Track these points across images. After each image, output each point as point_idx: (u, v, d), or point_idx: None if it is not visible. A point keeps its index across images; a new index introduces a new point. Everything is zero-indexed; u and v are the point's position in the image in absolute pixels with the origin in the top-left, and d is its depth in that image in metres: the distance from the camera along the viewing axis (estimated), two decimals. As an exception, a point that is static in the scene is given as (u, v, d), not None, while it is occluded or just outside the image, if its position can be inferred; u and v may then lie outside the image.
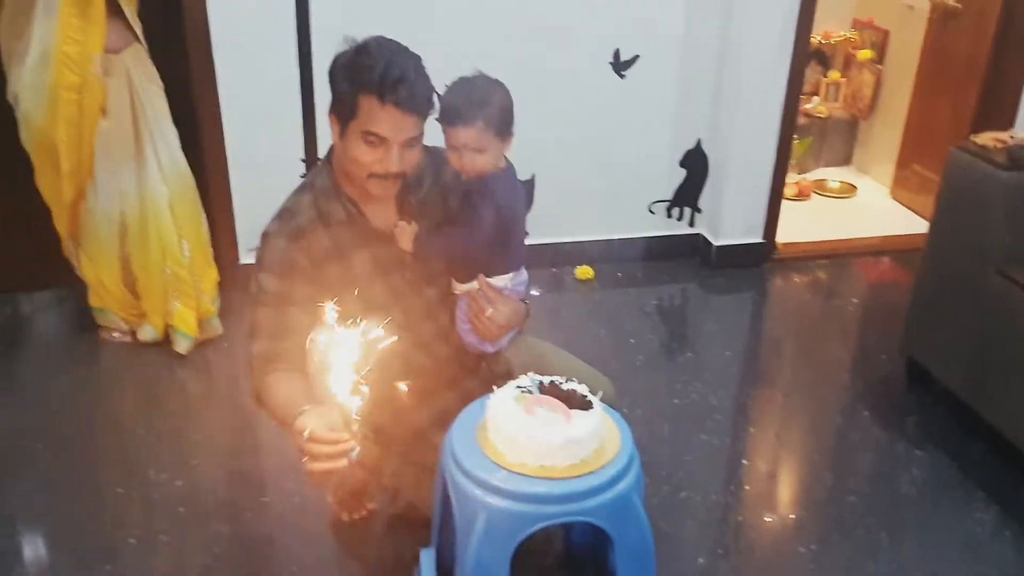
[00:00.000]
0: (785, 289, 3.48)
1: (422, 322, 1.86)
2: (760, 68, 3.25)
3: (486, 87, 1.71)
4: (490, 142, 1.70)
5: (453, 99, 1.69)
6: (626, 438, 1.64)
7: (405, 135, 1.64)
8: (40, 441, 2.42)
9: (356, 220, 1.75)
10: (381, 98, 1.58)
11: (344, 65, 1.63)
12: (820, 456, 2.49)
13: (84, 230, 2.78)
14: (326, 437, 1.42)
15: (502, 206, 1.76)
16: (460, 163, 1.72)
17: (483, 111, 1.67)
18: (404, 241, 1.77)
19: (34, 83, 2.53)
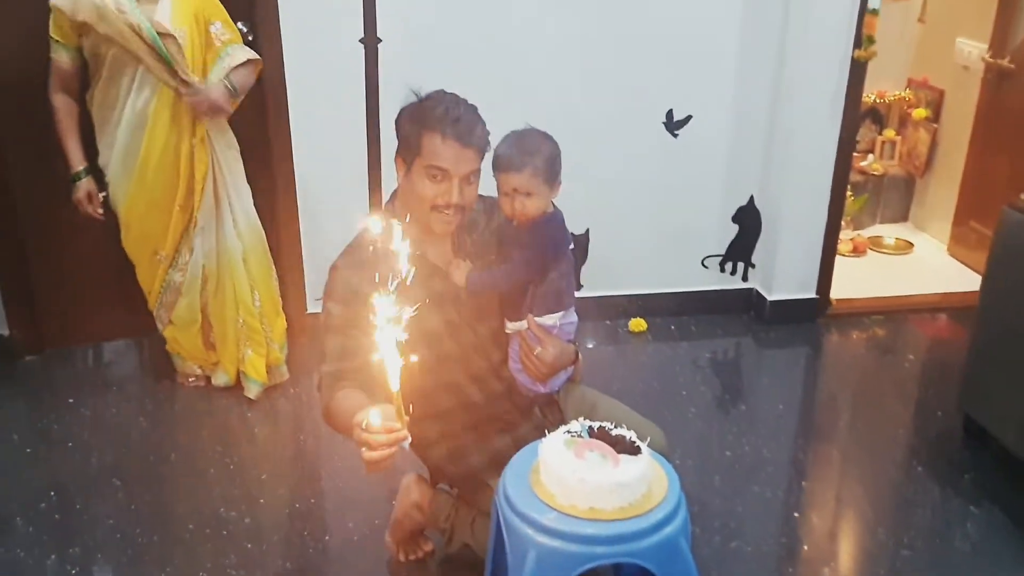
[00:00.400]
0: (840, 344, 3.50)
1: (474, 356, 1.97)
2: (811, 126, 3.32)
3: (535, 138, 1.87)
4: (539, 187, 1.84)
5: (506, 149, 1.85)
6: (673, 483, 1.70)
7: (464, 169, 1.80)
8: (119, 477, 2.58)
9: (415, 256, 1.87)
10: (443, 133, 1.77)
11: (410, 110, 1.83)
12: (874, 510, 2.49)
13: (169, 291, 2.94)
14: (380, 427, 1.53)
15: (549, 246, 1.88)
16: (511, 208, 1.85)
17: (532, 159, 1.82)
18: (458, 276, 1.89)
19: (125, 149, 2.73)
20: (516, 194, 1.84)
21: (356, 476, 2.60)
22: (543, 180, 1.84)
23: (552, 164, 1.86)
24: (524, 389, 2.02)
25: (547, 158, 1.85)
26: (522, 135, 1.89)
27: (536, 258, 1.89)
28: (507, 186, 1.85)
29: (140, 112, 2.69)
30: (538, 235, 1.88)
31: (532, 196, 1.85)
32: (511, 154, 1.84)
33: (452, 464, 2.08)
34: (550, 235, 1.90)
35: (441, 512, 2.14)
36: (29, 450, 2.72)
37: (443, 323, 1.92)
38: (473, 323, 1.96)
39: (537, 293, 1.94)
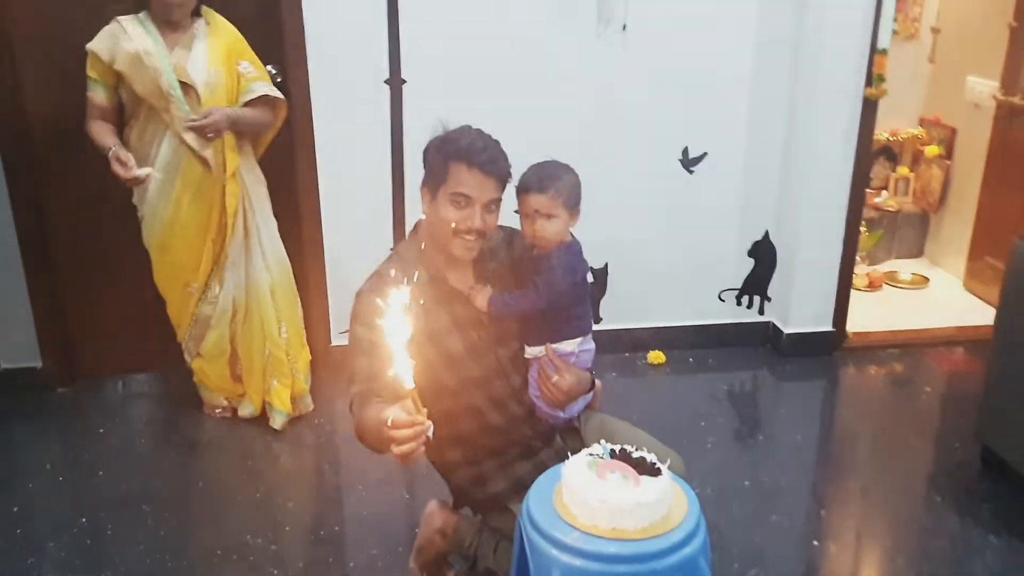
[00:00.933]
0: (856, 377, 3.52)
1: (496, 380, 2.02)
2: (824, 163, 3.39)
3: (558, 167, 1.97)
4: (559, 211, 1.92)
5: (530, 172, 1.95)
6: (693, 505, 1.73)
7: (487, 196, 1.89)
8: (148, 504, 2.63)
9: (437, 281, 1.96)
10: (468, 163, 1.87)
11: (438, 142, 1.92)
12: (892, 540, 2.50)
13: (199, 324, 3.02)
14: (405, 421, 1.60)
15: (568, 273, 1.96)
16: (532, 230, 1.93)
17: (555, 182, 1.92)
18: (480, 300, 1.96)
19: (159, 187, 2.82)
20: (537, 215, 1.92)
21: (380, 503, 2.65)
22: (563, 204, 1.92)
23: (573, 191, 1.94)
24: (543, 415, 2.07)
25: (569, 184, 1.93)
26: (546, 163, 1.98)
27: (554, 284, 1.96)
28: (529, 207, 1.93)
29: (176, 150, 2.78)
30: (557, 262, 1.95)
31: (552, 219, 1.92)
32: (535, 177, 1.93)
33: (475, 489, 2.12)
34: (568, 262, 1.97)
35: (464, 538, 2.18)
36: (61, 478, 2.79)
37: (465, 347, 1.98)
38: (494, 347, 2.02)
39: (555, 320, 2.00)
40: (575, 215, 1.98)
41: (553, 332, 2.03)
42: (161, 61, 2.70)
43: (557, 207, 1.92)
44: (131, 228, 2.92)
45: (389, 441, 1.63)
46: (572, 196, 1.94)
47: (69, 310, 3.29)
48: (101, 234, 3.20)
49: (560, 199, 1.91)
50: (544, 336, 2.03)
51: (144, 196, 2.85)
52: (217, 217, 2.89)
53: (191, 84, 2.74)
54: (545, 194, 1.91)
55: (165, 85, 2.70)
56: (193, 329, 3.03)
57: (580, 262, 2.02)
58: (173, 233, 2.89)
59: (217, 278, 2.96)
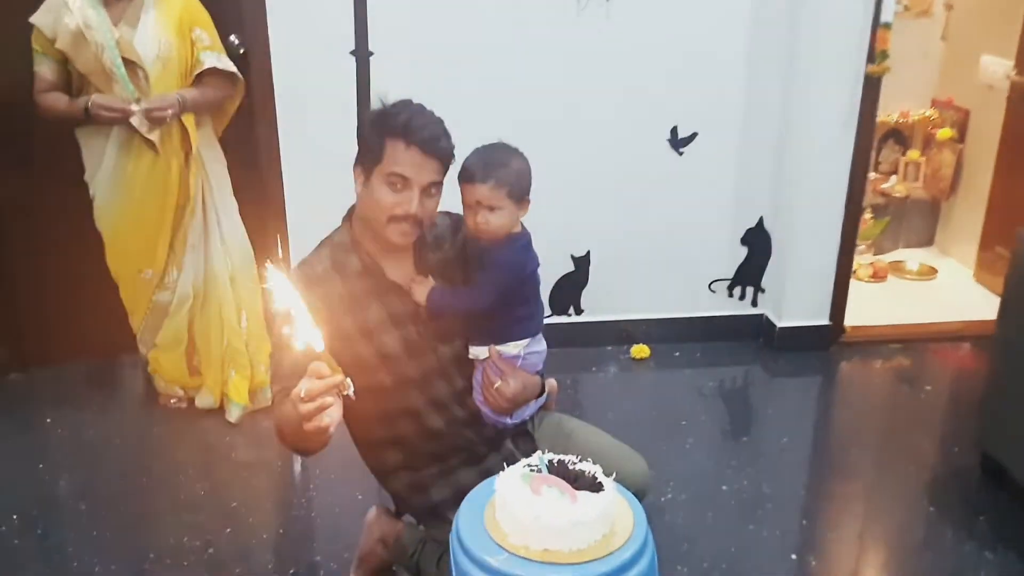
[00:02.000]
0: (852, 374, 3.33)
1: (435, 381, 1.85)
2: (823, 145, 3.18)
3: (504, 152, 1.76)
4: (503, 202, 1.72)
5: (473, 159, 1.75)
6: (640, 524, 1.55)
7: (426, 178, 1.71)
8: (85, 502, 2.49)
9: (372, 272, 1.78)
10: (406, 140, 1.68)
11: (373, 117, 1.74)
12: (879, 554, 2.31)
13: (156, 312, 2.86)
14: (318, 385, 1.43)
15: (513, 269, 1.78)
16: (474, 222, 1.74)
17: (498, 171, 1.71)
18: (419, 294, 1.79)
19: (113, 165, 2.66)
20: (479, 207, 1.73)
21: (330, 504, 2.50)
22: (508, 195, 1.73)
23: (520, 180, 1.75)
24: (489, 420, 1.89)
25: (515, 172, 1.74)
26: (491, 148, 1.79)
27: (498, 283, 1.78)
28: (471, 198, 1.74)
29: (127, 131, 2.61)
30: (501, 258, 1.77)
31: (496, 211, 1.73)
32: (477, 164, 1.74)
33: (415, 496, 1.96)
34: (514, 259, 1.78)
35: (407, 548, 2.01)
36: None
37: (401, 344, 1.80)
38: (436, 345, 1.84)
39: (500, 319, 1.82)
40: (524, 205, 1.78)
41: (498, 332, 1.85)
42: (104, 36, 2.53)
43: (501, 198, 1.72)
44: (85, 206, 2.76)
45: (306, 419, 1.45)
46: (519, 185, 1.75)
47: (20, 293, 3.14)
48: (53, 213, 3.04)
49: (504, 189, 1.72)
50: (488, 336, 1.85)
51: (95, 175, 2.69)
52: (173, 200, 2.73)
53: (137, 62, 2.57)
54: (487, 184, 1.71)
55: (107, 62, 2.52)
56: (149, 318, 2.87)
57: (528, 257, 1.83)
58: (126, 217, 2.73)
59: (175, 263, 2.80)
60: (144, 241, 2.75)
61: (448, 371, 1.86)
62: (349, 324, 1.74)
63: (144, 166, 2.66)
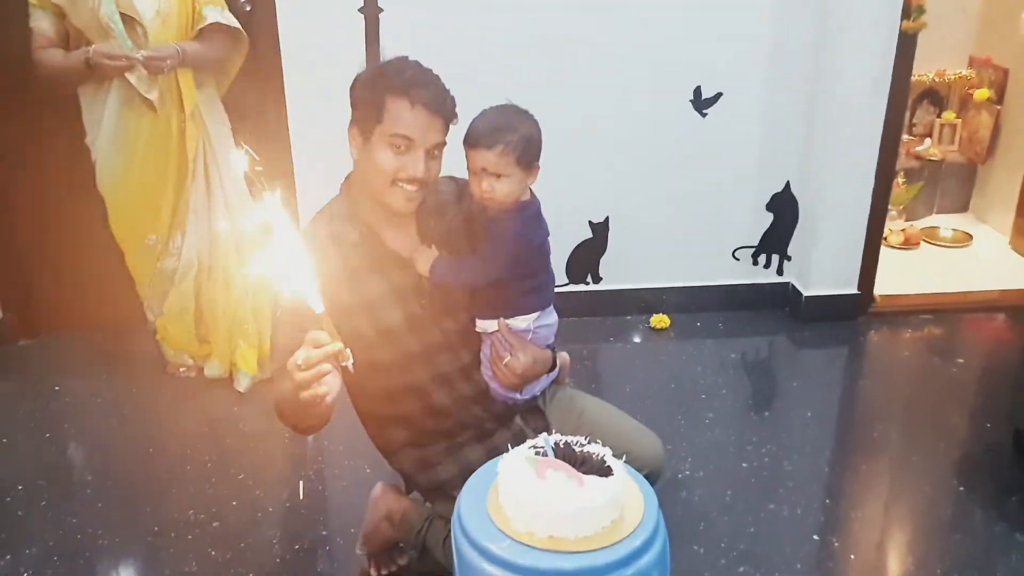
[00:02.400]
0: (881, 345, 3.20)
1: (440, 356, 1.76)
2: (855, 105, 3.03)
3: (513, 115, 1.66)
4: (511, 169, 1.62)
5: (479, 123, 1.65)
6: (651, 509, 1.47)
7: (432, 139, 1.62)
8: (91, 473, 2.45)
9: (371, 243, 1.69)
10: (411, 99, 1.58)
11: (370, 75, 1.63)
12: (905, 535, 2.22)
13: (162, 279, 2.79)
14: (315, 353, 1.36)
15: (521, 240, 1.68)
16: (480, 189, 1.64)
17: (506, 136, 1.61)
18: (422, 264, 1.70)
19: (113, 127, 2.58)
20: (485, 174, 1.63)
21: (338, 477, 2.45)
22: (515, 161, 1.62)
23: (529, 145, 1.64)
24: (497, 396, 1.81)
25: (523, 138, 1.63)
26: (499, 110, 1.68)
27: (505, 252, 1.68)
28: (476, 164, 1.64)
29: (128, 86, 2.53)
30: (508, 228, 1.67)
31: (503, 178, 1.63)
32: (484, 129, 1.64)
33: (421, 474, 1.89)
34: (522, 228, 1.68)
35: (413, 525, 1.96)
36: (5, 440, 2.61)
37: (404, 318, 1.71)
38: (439, 318, 1.76)
39: (509, 291, 1.73)
40: (533, 172, 1.68)
41: (507, 305, 1.76)
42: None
43: (508, 165, 1.62)
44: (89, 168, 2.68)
45: (298, 386, 1.38)
46: (528, 151, 1.64)
47: (29, 259, 3.10)
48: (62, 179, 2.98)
49: (512, 155, 1.62)
50: (496, 309, 1.77)
51: (96, 138, 2.62)
52: (175, 162, 2.65)
53: (136, 18, 2.47)
54: (493, 150, 1.61)
55: (104, 17, 2.43)
56: (155, 285, 2.81)
57: (538, 227, 1.73)
58: (128, 181, 2.66)
59: (179, 228, 2.73)
60: (147, 206, 2.68)
61: (454, 346, 1.78)
62: (347, 298, 1.66)
63: (144, 127, 2.59)
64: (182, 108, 2.60)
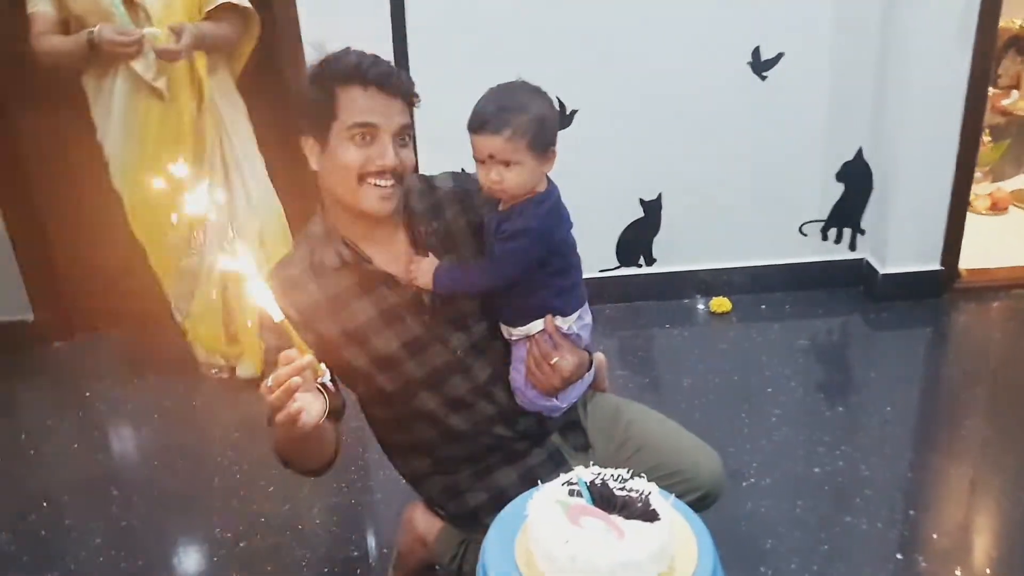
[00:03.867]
0: (970, 326, 2.93)
1: (450, 377, 1.57)
2: (934, 59, 2.75)
3: (523, 93, 1.44)
4: (522, 156, 1.41)
5: (483, 104, 1.44)
6: (706, 556, 1.26)
7: (396, 122, 1.44)
8: (117, 487, 2.35)
9: (352, 265, 1.50)
10: (363, 81, 1.41)
11: (312, 73, 1.45)
12: (1001, 552, 1.96)
13: (185, 278, 2.68)
14: (283, 370, 1.23)
15: (539, 236, 1.47)
16: (488, 180, 1.43)
17: (515, 118, 1.40)
18: (422, 276, 1.50)
19: (123, 118, 2.46)
20: (493, 162, 1.42)
21: (372, 490, 2.30)
22: (527, 146, 1.40)
23: (542, 128, 1.42)
24: (530, 406, 1.61)
25: (535, 119, 1.41)
26: (507, 88, 1.46)
27: (519, 252, 1.46)
28: (482, 151, 1.43)
29: (134, 75, 2.39)
30: (521, 222, 1.45)
31: (512, 166, 1.42)
32: (489, 110, 1.42)
33: (450, 502, 1.71)
34: (536, 223, 1.46)
35: (447, 550, 1.78)
36: (32, 451, 2.53)
37: (399, 344, 1.52)
38: (444, 336, 1.56)
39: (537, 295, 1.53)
40: (548, 158, 1.46)
41: (537, 308, 1.55)
42: None
43: (519, 151, 1.40)
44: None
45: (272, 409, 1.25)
46: (542, 134, 1.42)
47: (62, 260, 3.03)
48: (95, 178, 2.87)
49: (522, 140, 1.40)
50: (526, 315, 1.56)
51: (106, 131, 2.49)
52: (191, 154, 2.50)
53: (138, 0, 2.32)
54: (501, 134, 1.40)
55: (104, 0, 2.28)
56: (180, 285, 2.69)
57: (558, 220, 1.51)
58: (141, 174, 2.52)
59: (199, 224, 2.59)
60: (163, 202, 2.54)
61: (465, 363, 1.58)
62: (333, 330, 1.48)
63: (154, 118, 2.46)
64: (193, 96, 2.45)
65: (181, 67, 2.40)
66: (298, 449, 1.41)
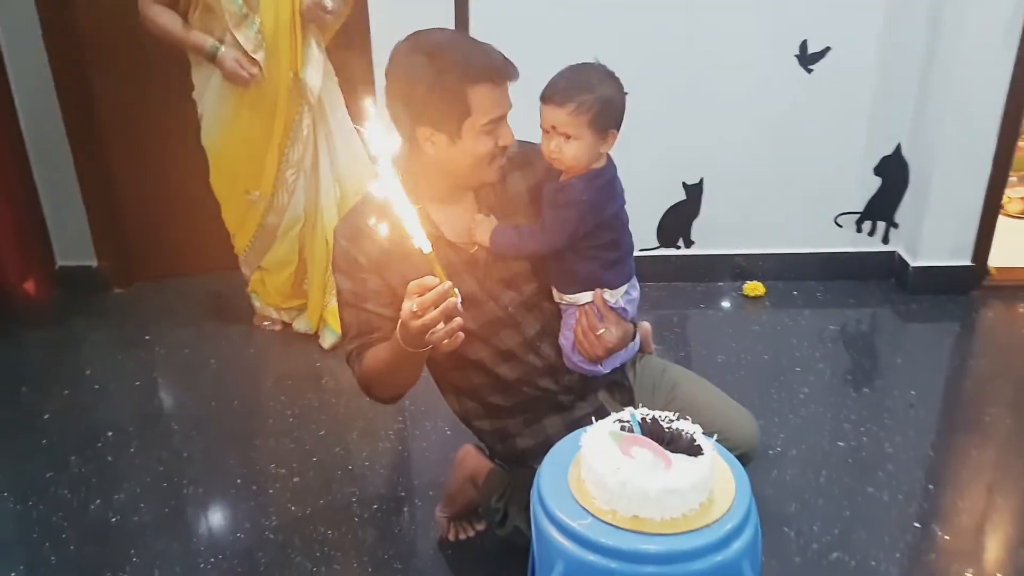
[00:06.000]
0: (997, 321, 2.99)
1: (501, 331, 1.69)
2: (978, 59, 2.81)
3: (595, 74, 1.56)
4: (582, 131, 1.53)
5: (557, 78, 1.56)
6: (743, 493, 1.37)
7: (510, 104, 1.56)
8: (178, 422, 2.50)
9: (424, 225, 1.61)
10: (493, 81, 1.50)
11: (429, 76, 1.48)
12: (1013, 528, 2.06)
13: (264, 234, 2.79)
14: (430, 297, 1.35)
15: (588, 210, 1.58)
16: (548, 149, 1.56)
17: (581, 94, 1.52)
18: (481, 233, 1.62)
19: (221, 82, 2.55)
20: (555, 132, 1.54)
21: (418, 439, 2.42)
22: (588, 123, 1.52)
23: (606, 109, 1.53)
24: (575, 368, 1.73)
25: (601, 99, 1.52)
26: (581, 67, 1.58)
27: (569, 220, 1.58)
28: (547, 121, 1.56)
29: (237, 45, 2.47)
30: (575, 196, 1.58)
31: (572, 140, 1.54)
32: (560, 85, 1.54)
33: (499, 443, 1.85)
34: (588, 196, 1.58)
35: (495, 490, 1.90)
36: (97, 387, 2.68)
37: None
38: (497, 294, 1.68)
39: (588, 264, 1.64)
40: (608, 139, 1.57)
41: (591, 277, 1.67)
42: None
43: (580, 126, 1.52)
44: (191, 123, 2.68)
45: (421, 332, 1.37)
46: (604, 114, 1.53)
47: (124, 208, 3.18)
48: (159, 129, 3.02)
49: (585, 116, 1.52)
50: (580, 282, 1.68)
51: (203, 93, 2.60)
52: (283, 120, 2.61)
53: None
54: (565, 108, 1.52)
55: None
56: (256, 240, 2.81)
57: (611, 196, 1.63)
58: (232, 137, 2.64)
59: (283, 186, 2.70)
60: (250, 162, 2.66)
61: (517, 319, 1.70)
62: (396, 280, 1.59)
63: (252, 88, 2.55)
64: (291, 66, 2.54)
65: (278, 40, 2.48)
66: (406, 371, 1.55)
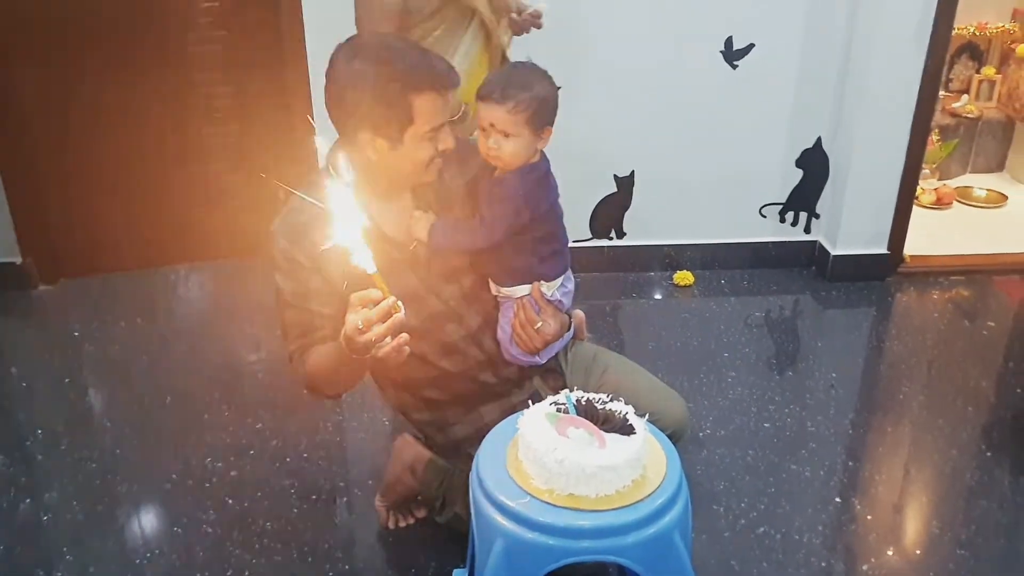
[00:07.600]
0: (910, 307, 3.14)
1: (444, 325, 1.72)
2: (892, 59, 2.93)
3: (530, 74, 1.61)
4: (520, 129, 1.58)
5: (494, 77, 1.61)
6: (673, 469, 1.44)
7: (452, 109, 1.62)
8: (110, 419, 2.46)
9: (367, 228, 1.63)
10: (437, 89, 1.52)
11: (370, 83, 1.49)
12: (927, 500, 2.18)
13: None
14: (374, 313, 1.35)
15: (524, 205, 1.63)
16: (486, 147, 1.60)
17: (518, 93, 1.57)
18: (419, 229, 1.65)
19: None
20: (493, 130, 1.59)
21: (357, 430, 2.43)
22: (525, 122, 1.57)
23: (542, 107, 1.59)
24: (514, 360, 1.78)
25: (536, 98, 1.58)
26: (517, 67, 1.65)
27: (505, 215, 1.63)
28: (485, 119, 1.60)
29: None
30: (511, 191, 1.62)
31: (510, 138, 1.59)
32: (498, 83, 1.59)
33: (437, 433, 1.88)
34: (524, 190, 1.63)
35: (434, 478, 1.93)
36: (25, 384, 2.62)
37: (396, 294, 1.66)
38: (438, 288, 1.71)
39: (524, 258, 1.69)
40: (544, 135, 1.63)
41: (528, 271, 1.72)
42: None
43: (518, 124, 1.57)
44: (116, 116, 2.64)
45: (366, 348, 1.37)
46: (541, 113, 1.59)
47: (50, 203, 3.09)
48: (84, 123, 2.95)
49: (523, 114, 1.56)
50: (518, 275, 1.73)
51: None
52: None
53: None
54: (503, 106, 1.56)
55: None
56: None
57: (545, 190, 1.68)
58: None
59: None
60: None
61: (458, 312, 1.73)
62: (339, 277, 1.61)
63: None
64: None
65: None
66: (351, 374, 1.56)
